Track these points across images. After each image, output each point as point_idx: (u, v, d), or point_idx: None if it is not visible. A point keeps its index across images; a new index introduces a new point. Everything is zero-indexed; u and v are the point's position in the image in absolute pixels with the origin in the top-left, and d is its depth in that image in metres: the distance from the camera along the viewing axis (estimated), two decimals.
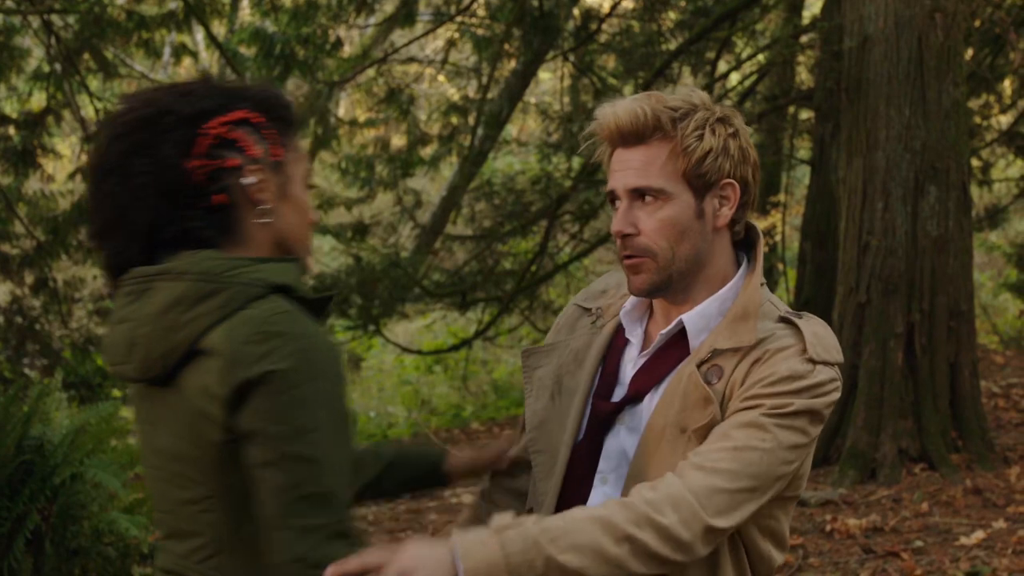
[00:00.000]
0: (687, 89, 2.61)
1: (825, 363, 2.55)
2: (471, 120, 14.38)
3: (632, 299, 2.70)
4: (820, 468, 8.86)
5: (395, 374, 17.12)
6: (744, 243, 2.69)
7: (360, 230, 13.79)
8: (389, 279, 12.97)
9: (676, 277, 2.58)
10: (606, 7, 14.34)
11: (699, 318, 2.61)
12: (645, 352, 2.65)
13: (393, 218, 14.08)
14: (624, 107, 2.55)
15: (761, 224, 15.81)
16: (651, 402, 2.60)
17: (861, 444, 8.65)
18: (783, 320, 2.60)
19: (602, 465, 2.62)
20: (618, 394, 2.64)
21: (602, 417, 2.63)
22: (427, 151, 14.42)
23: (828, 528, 7.73)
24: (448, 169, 15.91)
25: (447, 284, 13.42)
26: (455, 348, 14.42)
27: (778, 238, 15.79)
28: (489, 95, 14.09)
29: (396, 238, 14.04)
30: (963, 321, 8.87)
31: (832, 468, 8.80)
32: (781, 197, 15.97)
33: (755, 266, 2.65)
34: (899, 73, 8.75)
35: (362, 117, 15.69)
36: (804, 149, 14.91)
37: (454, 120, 14.30)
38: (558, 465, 2.65)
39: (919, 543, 7.39)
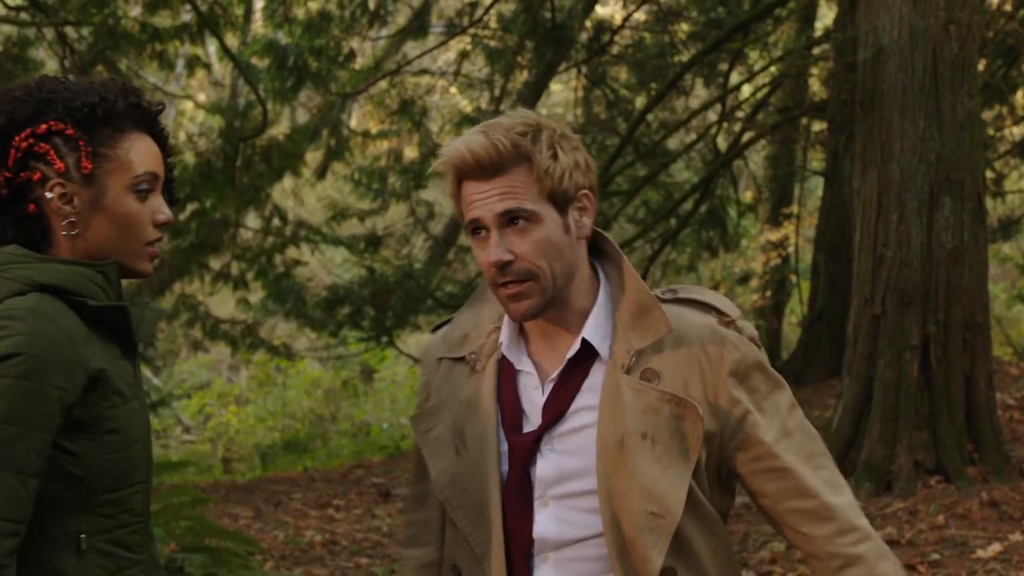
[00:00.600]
0: (512, 112, 2.63)
1: (737, 318, 2.71)
2: None
3: (507, 332, 2.70)
4: None
5: (407, 386, 17.13)
6: (594, 244, 2.73)
7: (373, 241, 13.82)
8: (402, 290, 12.99)
9: (556, 295, 2.60)
10: (618, 19, 14.34)
11: (596, 328, 2.64)
12: (551, 378, 2.65)
13: (406, 229, 14.11)
14: (479, 142, 2.54)
15: (773, 236, 15.83)
16: (578, 420, 2.62)
17: (876, 456, 8.63)
18: (669, 301, 2.70)
19: (538, 491, 2.62)
20: (530, 424, 2.65)
21: (524, 448, 2.63)
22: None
23: None
24: None
25: (460, 295, 13.43)
26: None
27: (791, 250, 15.79)
28: (502, 107, 14.10)
29: (409, 249, 14.05)
30: (978, 333, 8.85)
31: (847, 480, 8.75)
32: (794, 209, 15.97)
33: (622, 261, 2.70)
34: (914, 85, 8.74)
35: (374, 129, 15.71)
36: (816, 161, 14.92)
37: (467, 131, 14.29)
38: (491, 509, 2.65)
39: (935, 556, 7.37)
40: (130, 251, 2.58)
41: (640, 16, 14.08)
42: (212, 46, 16.88)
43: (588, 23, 13.89)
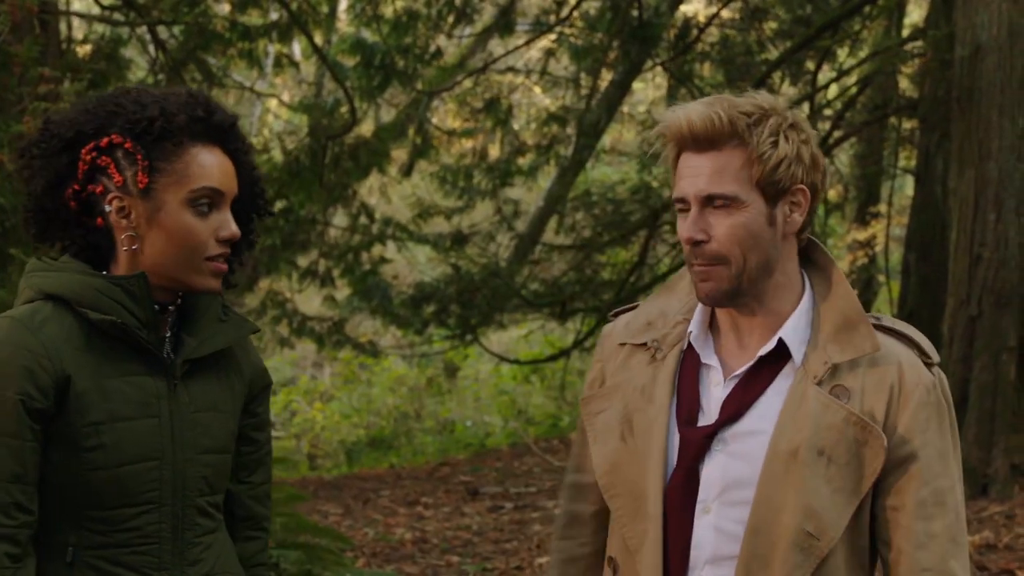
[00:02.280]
0: (755, 94, 2.55)
1: (937, 362, 2.61)
2: (569, 130, 14.37)
3: (697, 324, 2.63)
4: None
5: (491, 384, 17.13)
6: (803, 251, 2.64)
7: (459, 240, 13.83)
8: (488, 288, 13.00)
9: (747, 285, 2.53)
10: (701, 17, 14.25)
11: (794, 332, 2.56)
12: (736, 374, 2.58)
13: (491, 227, 14.10)
14: (698, 111, 2.48)
15: (861, 235, 15.68)
16: (756, 423, 2.54)
17: (972, 459, 8.51)
18: (879, 328, 2.59)
19: (702, 494, 2.55)
20: (705, 419, 2.58)
21: (695, 443, 2.56)
22: (524, 160, 14.43)
23: None
24: (544, 179, 15.90)
25: (546, 294, 13.42)
26: (553, 358, 14.42)
27: (878, 249, 15.64)
28: (592, 104, 14.08)
29: (496, 248, 14.05)
30: None
31: None
32: (882, 208, 15.81)
33: (833, 271, 2.62)
34: (1012, 82, 8.63)
35: (457, 127, 15.73)
36: (905, 159, 14.75)
37: (553, 130, 14.29)
38: (649, 503, 2.58)
39: None
40: (188, 266, 2.57)
41: (726, 13, 13.98)
42: (296, 45, 16.99)
43: (674, 20, 13.80)
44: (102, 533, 2.55)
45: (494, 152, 15.33)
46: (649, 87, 18.86)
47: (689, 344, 2.63)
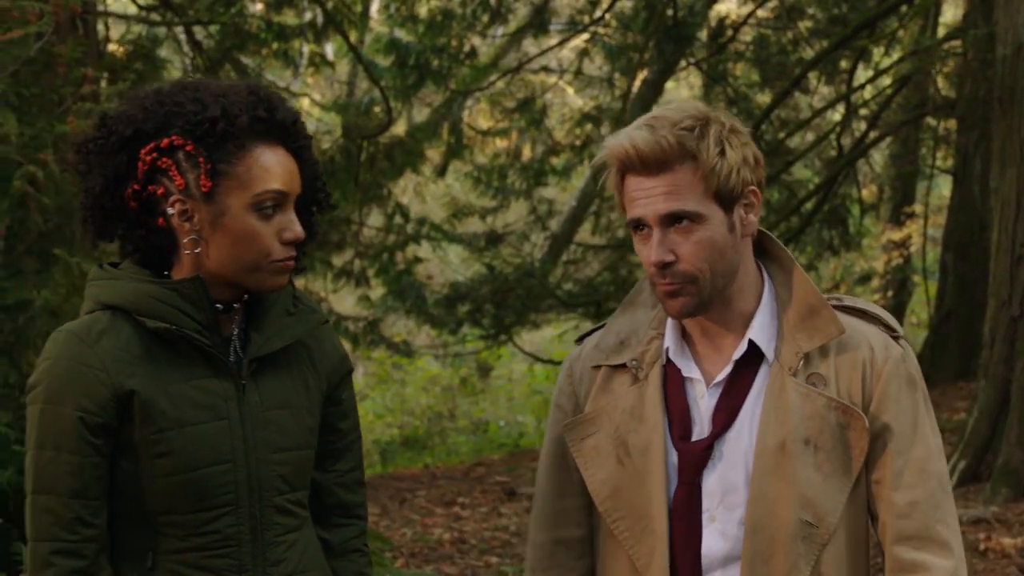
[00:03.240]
0: (684, 103, 2.57)
1: (902, 335, 2.67)
2: (604, 130, 14.36)
3: (672, 338, 2.63)
4: (971, 485, 8.70)
5: (524, 383, 17.13)
6: (756, 243, 2.66)
7: (493, 239, 13.83)
8: (522, 288, 12.99)
9: (715, 295, 2.54)
10: (733, 16, 14.21)
11: (762, 330, 2.59)
12: (716, 382, 2.59)
13: (526, 227, 14.10)
14: (643, 137, 2.48)
15: (896, 235, 15.61)
16: (745, 426, 2.56)
17: (1015, 461, 8.46)
18: (842, 309, 2.63)
19: (706, 504, 2.57)
20: (699, 432, 2.59)
21: (695, 457, 2.57)
22: (557, 160, 14.42)
23: (982, 547, 7.57)
24: (577, 178, 15.89)
25: (580, 294, 13.40)
26: None
27: (913, 249, 15.58)
28: (620, 104, 14.06)
29: (531, 248, 14.05)
30: None
31: (983, 485, 8.62)
32: (916, 208, 15.75)
33: (787, 260, 2.64)
34: None
35: (489, 126, 15.73)
36: (941, 159, 14.68)
37: (587, 129, 14.29)
38: (655, 521, 2.58)
39: None
40: (253, 269, 2.52)
41: (761, 13, 13.95)
42: (329, 45, 17.03)
43: (709, 20, 13.77)
44: (181, 538, 2.53)
45: (527, 152, 15.33)
46: (681, 86, 18.84)
47: (668, 359, 2.63)
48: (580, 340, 2.81)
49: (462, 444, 15.00)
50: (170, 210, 2.51)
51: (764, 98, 13.91)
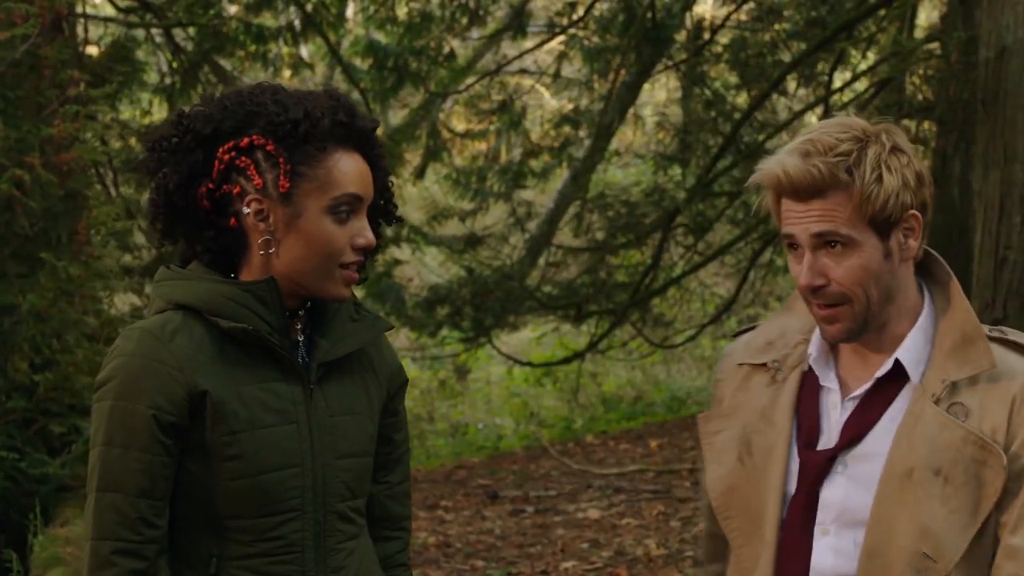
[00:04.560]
0: (847, 120, 2.51)
1: None
2: (582, 132, 14.35)
3: (816, 345, 2.61)
4: None
5: (503, 386, 17.10)
6: (921, 264, 2.60)
7: (472, 242, 13.80)
8: (502, 290, 12.96)
9: (871, 320, 2.51)
10: (709, 17, 14.23)
11: (911, 352, 2.53)
12: (853, 395, 2.55)
13: (505, 229, 14.07)
14: (795, 165, 2.44)
15: None
16: (876, 445, 2.51)
17: None
18: (995, 340, 2.53)
19: (820, 516, 2.53)
20: (825, 442, 2.56)
21: (816, 467, 2.53)
22: (535, 162, 14.40)
23: None
24: (555, 180, 15.87)
25: (560, 296, 13.39)
26: (567, 361, 14.37)
27: None
28: (599, 106, 14.06)
29: (510, 250, 14.02)
30: None
31: None
32: None
33: (952, 287, 2.57)
34: None
35: (463, 128, 15.69)
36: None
37: (565, 131, 14.27)
38: (766, 526, 2.56)
39: None
40: (322, 274, 2.52)
41: (739, 16, 13.96)
42: (304, 48, 16.96)
43: (688, 22, 13.78)
44: (246, 543, 2.52)
45: (505, 154, 15.30)
46: (657, 88, 18.83)
47: (810, 365, 2.61)
48: (736, 336, 2.82)
49: (441, 447, 14.95)
50: (245, 209, 2.51)
51: (743, 100, 13.93)
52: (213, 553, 2.52)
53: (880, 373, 2.53)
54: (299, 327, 2.59)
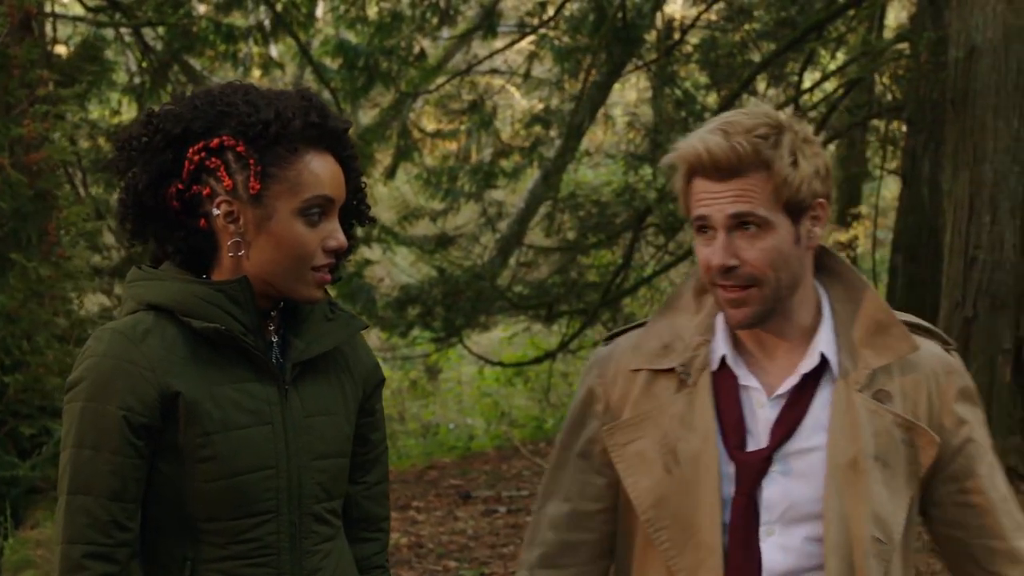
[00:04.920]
0: (758, 108, 2.53)
1: (953, 344, 2.70)
2: (552, 132, 14.35)
3: (725, 345, 2.59)
4: None
5: (474, 386, 17.09)
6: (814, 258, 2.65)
7: (443, 242, 13.78)
8: (473, 290, 12.95)
9: (777, 305, 2.52)
10: (679, 17, 14.25)
11: (828, 343, 2.56)
12: (779, 393, 2.55)
13: (476, 229, 14.06)
14: (717, 142, 2.45)
15: (843, 236, 15.71)
16: (809, 440, 2.53)
17: None
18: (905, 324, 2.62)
19: (764, 517, 2.53)
20: (756, 443, 2.55)
21: (753, 468, 2.53)
22: (506, 162, 14.39)
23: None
24: (526, 180, 15.87)
25: (532, 296, 13.38)
26: (538, 360, 14.37)
27: (860, 250, 15.67)
28: (570, 106, 14.06)
29: (481, 250, 14.01)
30: None
31: None
32: (863, 209, 15.85)
33: (851, 275, 2.62)
34: (1007, 84, 8.61)
35: (436, 128, 15.67)
36: (884, 160, 14.78)
37: (536, 131, 14.27)
38: (703, 532, 2.53)
39: None
40: (293, 276, 2.49)
41: (710, 16, 13.98)
42: (275, 48, 16.91)
43: (658, 22, 13.79)
44: (220, 546, 2.49)
45: (476, 153, 15.28)
46: (627, 88, 18.86)
47: (720, 366, 2.59)
48: (609, 340, 2.76)
49: (412, 447, 14.93)
50: (215, 211, 2.48)
51: (713, 100, 13.95)
52: (187, 556, 2.48)
53: (806, 369, 2.55)
54: (272, 327, 2.57)
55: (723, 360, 2.60)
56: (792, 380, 2.55)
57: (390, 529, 2.85)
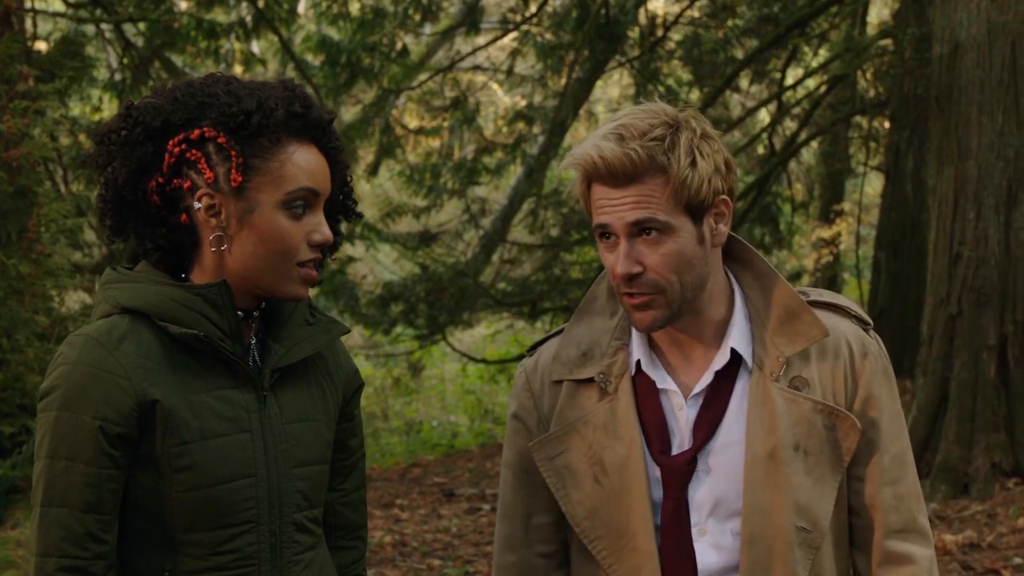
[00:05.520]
0: (654, 106, 2.47)
1: (870, 323, 2.63)
2: (536, 128, 14.33)
3: (640, 349, 2.55)
4: None
5: (457, 383, 17.06)
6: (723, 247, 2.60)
7: (426, 239, 13.75)
8: (456, 287, 12.93)
9: (684, 307, 2.47)
10: (662, 14, 14.23)
11: (740, 337, 2.53)
12: (695, 393, 2.52)
13: (459, 226, 14.04)
14: (611, 149, 2.39)
15: (826, 233, 15.71)
16: (730, 435, 2.51)
17: (953, 459, 8.51)
18: (815, 305, 2.58)
19: (694, 517, 2.50)
20: (679, 445, 2.52)
21: (679, 471, 2.50)
22: (489, 159, 14.37)
23: None
24: (509, 177, 15.86)
25: (514, 293, 13.36)
26: (520, 358, 14.31)
27: (843, 247, 15.67)
28: (553, 102, 14.05)
29: (465, 247, 13.99)
30: None
31: (923, 483, 8.65)
32: (846, 206, 15.85)
33: (759, 263, 2.58)
34: (992, 80, 8.61)
35: (418, 125, 15.65)
36: (867, 156, 14.78)
37: (519, 127, 14.25)
38: (639, 538, 2.50)
39: (1018, 560, 7.25)
40: (278, 272, 2.39)
41: (693, 12, 13.97)
42: (256, 43, 16.87)
43: (641, 18, 13.78)
44: (199, 557, 2.40)
45: (459, 151, 15.27)
46: (610, 85, 18.85)
47: (637, 371, 2.56)
48: (532, 350, 2.71)
49: (396, 445, 14.90)
50: (196, 204, 2.39)
51: (696, 96, 13.93)
52: (165, 568, 2.40)
53: (718, 366, 2.52)
54: (253, 330, 2.49)
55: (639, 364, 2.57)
56: (707, 379, 2.52)
57: (367, 536, 2.77)
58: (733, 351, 2.51)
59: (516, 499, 2.66)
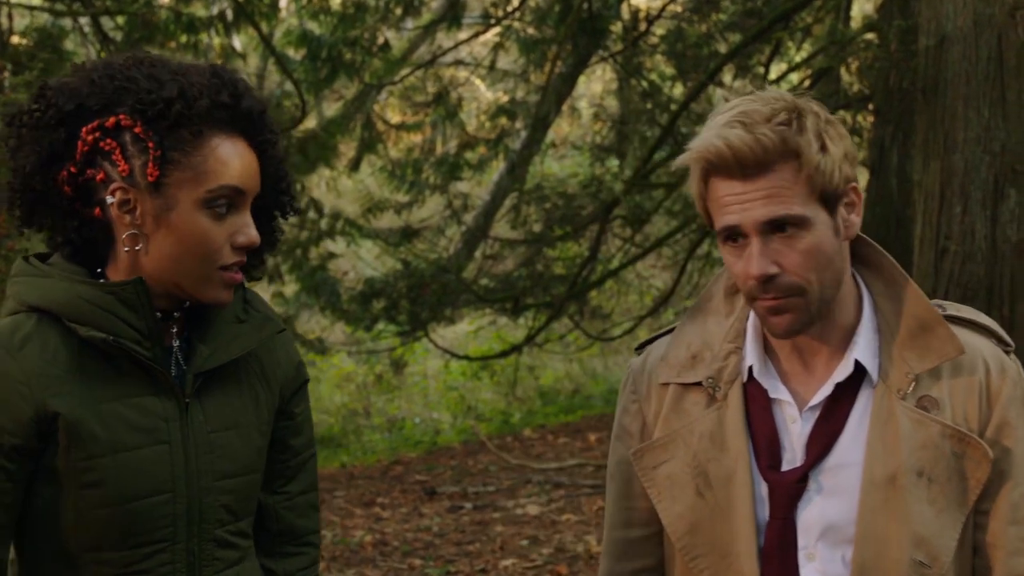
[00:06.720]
0: (768, 93, 2.28)
1: (1011, 345, 2.42)
2: (518, 124, 14.24)
3: (754, 354, 2.38)
4: None
5: (440, 380, 16.97)
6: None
7: (408, 234, 13.65)
8: (438, 283, 12.82)
9: (822, 308, 2.29)
10: (645, 8, 14.16)
11: (865, 348, 2.34)
12: (812, 405, 2.34)
13: (441, 222, 13.95)
14: (738, 136, 2.18)
15: None
16: (847, 455, 2.31)
17: None
18: (952, 320, 2.39)
19: (802, 541, 2.32)
20: (790, 460, 2.34)
21: (788, 489, 2.32)
22: (471, 154, 14.28)
23: None
24: (491, 172, 15.77)
25: (497, 289, 13.27)
26: (504, 354, 14.25)
27: None
28: (535, 97, 13.96)
29: (447, 243, 13.90)
30: None
31: None
32: None
33: (891, 268, 2.39)
34: (978, 73, 8.52)
35: (397, 120, 15.55)
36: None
37: (501, 123, 14.16)
38: (742, 560, 2.33)
39: None
40: (198, 275, 2.22)
41: (675, 6, 13.90)
42: (236, 37, 16.75)
43: (624, 12, 13.70)
44: None
45: (441, 146, 15.17)
46: (593, 80, 18.76)
47: (749, 377, 2.38)
48: (640, 349, 2.56)
49: (378, 442, 14.79)
50: (109, 199, 2.21)
51: (680, 91, 13.87)
52: None
53: (840, 378, 2.34)
54: (175, 331, 2.31)
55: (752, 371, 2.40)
56: (825, 391, 2.34)
57: (319, 542, 2.59)
58: (857, 363, 2.32)
59: (616, 510, 2.53)
